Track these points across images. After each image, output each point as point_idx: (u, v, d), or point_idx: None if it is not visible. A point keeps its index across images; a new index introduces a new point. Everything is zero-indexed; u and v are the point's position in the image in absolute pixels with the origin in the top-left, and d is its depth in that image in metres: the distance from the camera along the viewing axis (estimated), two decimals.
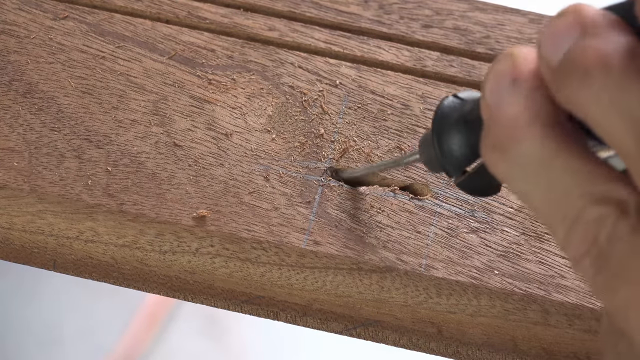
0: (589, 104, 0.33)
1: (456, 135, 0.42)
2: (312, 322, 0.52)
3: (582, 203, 0.33)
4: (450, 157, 0.43)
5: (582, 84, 0.33)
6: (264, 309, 0.52)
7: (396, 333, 0.51)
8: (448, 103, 0.43)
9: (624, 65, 0.32)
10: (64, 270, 0.52)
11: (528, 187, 0.35)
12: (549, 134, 0.34)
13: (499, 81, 0.36)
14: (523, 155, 0.34)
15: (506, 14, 0.58)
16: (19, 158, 0.51)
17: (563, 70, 0.34)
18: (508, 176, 0.35)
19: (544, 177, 0.34)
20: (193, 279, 0.51)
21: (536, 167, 0.34)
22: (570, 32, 0.34)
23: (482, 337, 0.50)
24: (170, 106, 0.54)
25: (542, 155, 0.34)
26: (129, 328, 1.57)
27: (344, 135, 0.53)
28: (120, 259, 0.51)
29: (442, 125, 0.43)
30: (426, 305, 0.50)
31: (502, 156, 0.35)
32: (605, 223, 0.32)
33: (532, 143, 0.34)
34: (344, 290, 0.50)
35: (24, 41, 0.55)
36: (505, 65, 0.36)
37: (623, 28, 0.33)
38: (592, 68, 0.33)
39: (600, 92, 0.32)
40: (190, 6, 0.57)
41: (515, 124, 0.35)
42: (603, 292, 0.32)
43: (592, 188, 0.33)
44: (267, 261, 0.50)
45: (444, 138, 0.43)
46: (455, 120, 0.43)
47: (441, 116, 0.43)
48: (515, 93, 0.35)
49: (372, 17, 0.57)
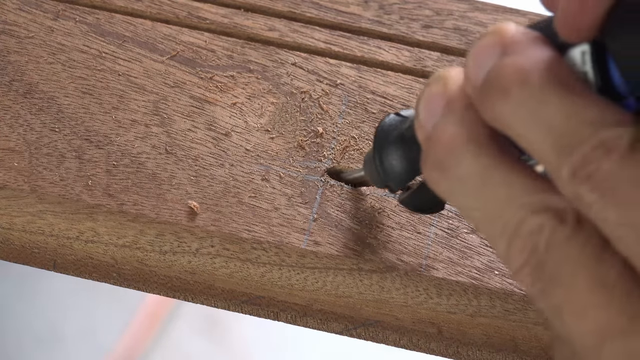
0: (510, 119, 0.34)
1: (395, 151, 0.44)
2: (313, 323, 0.52)
3: (520, 214, 0.33)
4: (391, 173, 0.44)
5: (502, 100, 0.34)
6: (264, 309, 0.52)
7: (396, 333, 0.51)
8: (389, 120, 0.45)
9: (540, 79, 0.33)
10: (64, 271, 0.52)
11: (468, 203, 0.35)
12: (483, 151, 0.35)
13: (432, 104, 0.37)
14: (461, 173, 0.35)
15: (506, 14, 0.58)
16: (19, 158, 0.51)
17: (485, 88, 0.35)
18: (449, 193, 0.36)
19: (482, 192, 0.35)
20: (193, 279, 0.51)
21: (474, 183, 0.35)
22: (492, 51, 0.35)
23: (482, 338, 0.50)
24: (170, 106, 0.54)
25: (479, 172, 0.35)
26: (129, 328, 1.57)
27: (344, 136, 0.53)
28: (121, 259, 0.51)
29: (382, 142, 0.44)
30: (426, 305, 0.50)
31: (442, 175, 0.36)
32: (544, 231, 0.33)
33: (469, 161, 0.35)
34: (344, 291, 0.50)
35: (24, 41, 0.55)
36: (436, 88, 0.38)
37: (543, 43, 0.34)
38: (511, 83, 0.34)
39: (518, 106, 0.33)
40: (190, 6, 0.57)
41: (451, 144, 0.36)
42: (540, 299, 0.33)
43: (529, 199, 0.33)
44: (267, 261, 0.50)
45: (384, 154, 0.44)
46: (395, 138, 0.44)
47: (381, 132, 0.45)
48: (449, 116, 0.36)
49: (372, 17, 0.57)
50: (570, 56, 0.34)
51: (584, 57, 0.34)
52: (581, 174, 0.31)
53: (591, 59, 0.34)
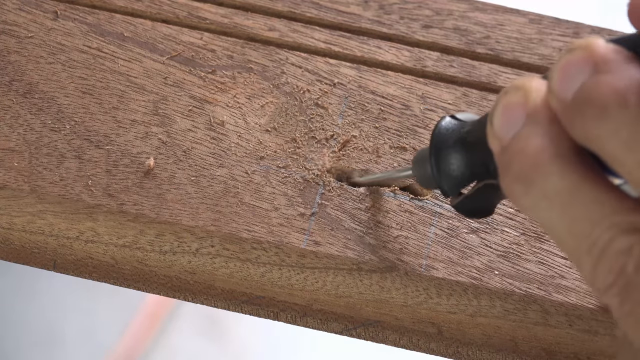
0: (606, 140, 0.33)
1: (455, 156, 0.43)
2: (312, 323, 0.52)
3: (609, 234, 0.33)
4: (448, 177, 0.43)
5: (599, 120, 0.33)
6: (264, 309, 0.52)
7: (396, 333, 0.51)
8: (446, 124, 0.44)
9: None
10: (64, 271, 0.52)
11: (552, 219, 0.35)
12: (571, 166, 0.34)
13: (511, 114, 0.36)
14: (548, 189, 0.35)
15: (506, 14, 0.58)
16: (19, 158, 0.51)
17: (577, 106, 0.34)
18: (532, 208, 0.35)
19: (569, 209, 0.34)
20: (193, 279, 0.51)
21: (561, 199, 0.34)
22: (582, 67, 0.34)
23: (482, 338, 0.50)
24: (170, 106, 0.54)
25: (567, 188, 0.34)
26: (129, 328, 1.57)
27: (344, 135, 0.53)
28: (121, 259, 0.51)
29: (440, 146, 0.44)
30: (426, 305, 0.50)
31: (526, 189, 0.35)
32: (634, 252, 0.32)
33: (557, 177, 0.34)
34: (344, 291, 0.50)
35: (24, 41, 0.55)
36: (516, 97, 0.36)
37: (636, 63, 0.34)
38: (609, 104, 0.33)
39: (617, 128, 0.33)
40: (190, 6, 0.57)
41: (538, 158, 0.35)
42: (629, 321, 0.32)
43: (619, 218, 0.33)
44: (267, 261, 0.50)
45: (443, 158, 0.43)
46: (454, 142, 0.43)
47: (439, 136, 0.44)
48: (533, 128, 0.35)
49: (372, 17, 0.57)
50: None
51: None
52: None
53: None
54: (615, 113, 0.33)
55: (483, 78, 0.56)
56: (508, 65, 0.56)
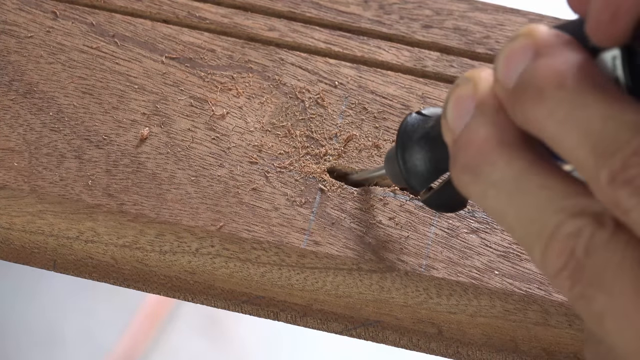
0: (545, 122, 0.33)
1: (419, 151, 0.43)
2: (312, 323, 0.52)
3: (557, 218, 0.33)
4: (414, 173, 0.44)
5: (537, 103, 0.33)
6: (264, 309, 0.52)
7: (396, 333, 0.51)
8: (411, 120, 0.44)
9: (577, 82, 0.33)
10: (64, 271, 0.52)
11: (501, 207, 0.35)
12: (517, 154, 0.35)
13: (461, 106, 0.37)
14: (494, 177, 0.35)
15: (506, 14, 0.58)
16: (19, 158, 0.51)
17: (518, 91, 0.34)
18: (480, 197, 0.36)
19: (517, 196, 0.34)
20: (193, 279, 0.51)
21: (508, 187, 0.34)
22: (524, 53, 0.34)
23: (482, 338, 0.50)
24: (170, 106, 0.54)
25: (514, 175, 0.34)
26: (129, 328, 1.57)
27: (344, 135, 0.53)
28: (121, 259, 0.51)
29: (405, 142, 0.44)
30: (426, 305, 0.50)
31: (472, 179, 0.36)
32: (582, 235, 0.32)
33: (502, 165, 0.35)
34: (344, 291, 0.50)
35: (24, 41, 0.55)
36: (465, 89, 0.37)
37: (575, 46, 0.34)
38: (546, 86, 0.33)
39: (554, 109, 0.33)
40: (190, 6, 0.57)
41: (483, 148, 0.35)
42: (579, 303, 0.32)
43: (567, 203, 0.33)
44: (267, 261, 0.50)
45: (408, 154, 0.43)
46: (419, 137, 0.43)
47: (404, 132, 0.44)
48: (480, 118, 0.36)
49: (372, 17, 0.57)
50: (602, 60, 0.34)
51: (614, 62, 0.33)
52: (620, 178, 0.31)
53: (622, 63, 0.33)
54: (551, 94, 0.33)
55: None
56: None
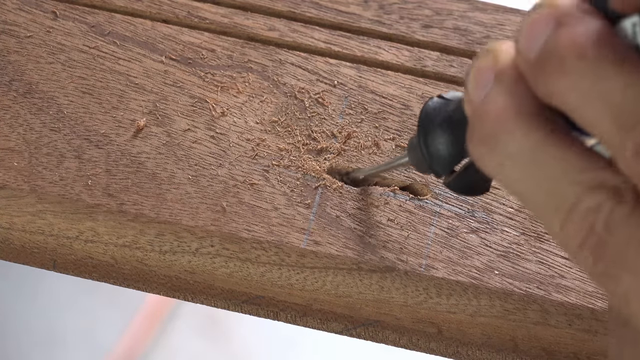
0: (567, 94, 0.33)
1: (442, 135, 0.43)
2: (312, 322, 0.52)
3: (576, 192, 0.32)
4: (437, 158, 0.43)
5: (559, 74, 0.33)
6: (264, 309, 0.52)
7: (396, 333, 0.51)
8: (432, 104, 0.44)
9: (598, 51, 0.32)
10: (64, 270, 0.52)
11: (519, 180, 0.34)
12: (535, 125, 0.34)
13: (481, 77, 0.36)
14: (511, 148, 0.34)
15: (506, 14, 0.58)
16: (19, 158, 0.51)
17: (540, 62, 0.34)
18: (497, 170, 0.35)
19: (534, 168, 0.34)
20: (193, 279, 0.51)
21: (525, 159, 0.34)
22: (546, 24, 0.34)
23: (482, 337, 0.50)
24: (170, 106, 0.54)
25: (531, 147, 0.34)
26: (129, 328, 1.57)
27: (344, 135, 0.53)
28: (120, 259, 0.51)
29: (427, 126, 0.43)
30: (426, 305, 0.50)
31: (489, 150, 0.35)
32: (602, 210, 0.31)
33: (520, 135, 0.34)
34: (344, 290, 0.50)
35: (24, 41, 0.55)
36: (486, 61, 0.36)
37: (596, 16, 0.33)
38: (568, 56, 0.32)
39: (577, 80, 0.32)
40: (190, 6, 0.57)
41: (500, 117, 0.34)
42: (603, 280, 0.32)
43: (585, 176, 0.32)
44: (267, 261, 0.50)
45: (430, 138, 0.43)
46: (441, 120, 0.43)
47: (426, 116, 0.43)
48: (498, 88, 0.35)
49: (372, 17, 0.57)
50: (622, 28, 0.33)
51: (635, 29, 0.33)
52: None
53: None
54: (573, 65, 0.32)
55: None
56: None
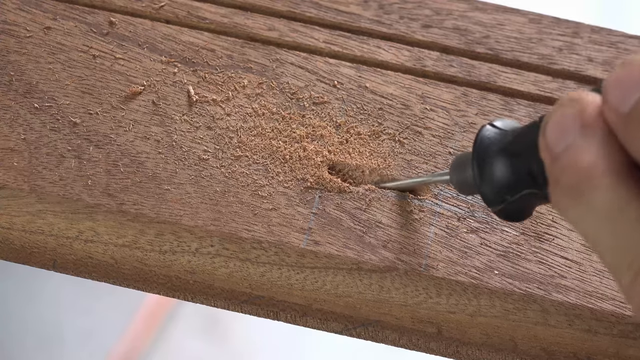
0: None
1: (498, 165, 0.44)
2: (312, 322, 0.52)
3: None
4: (491, 185, 0.44)
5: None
6: (263, 309, 0.52)
7: (396, 333, 0.51)
8: (488, 133, 0.45)
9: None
10: (64, 270, 0.52)
11: (597, 232, 0.35)
12: (623, 182, 0.34)
13: (565, 126, 0.36)
14: (596, 203, 0.34)
15: (506, 14, 0.58)
16: (19, 158, 0.51)
17: (634, 117, 0.33)
18: (578, 220, 0.35)
19: (616, 223, 0.34)
20: (193, 278, 0.51)
21: (608, 214, 0.34)
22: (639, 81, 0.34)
23: (481, 337, 0.50)
24: (170, 106, 0.54)
25: (616, 204, 0.34)
26: (129, 328, 1.57)
27: (343, 135, 0.53)
28: (120, 258, 0.51)
29: (484, 155, 0.44)
30: (426, 305, 0.50)
31: (574, 202, 0.35)
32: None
33: (607, 191, 0.34)
34: (343, 290, 0.50)
35: (24, 41, 0.55)
36: (571, 110, 0.36)
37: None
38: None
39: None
40: (190, 6, 0.57)
41: (589, 171, 0.35)
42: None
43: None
44: (267, 261, 0.50)
45: (487, 167, 0.44)
46: (498, 151, 0.44)
47: (482, 145, 0.45)
48: (587, 140, 0.35)
49: (371, 17, 0.57)
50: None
51: None
52: None
53: None
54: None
55: (483, 78, 0.56)
56: (508, 64, 0.57)
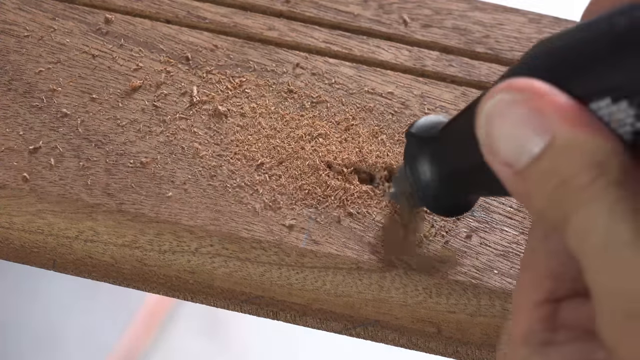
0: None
1: (425, 171, 0.45)
2: (312, 322, 0.52)
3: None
4: (424, 191, 0.45)
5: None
6: (263, 309, 0.52)
7: (396, 332, 0.51)
8: (410, 141, 0.46)
9: None
10: (64, 270, 0.52)
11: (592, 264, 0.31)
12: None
13: (527, 131, 0.32)
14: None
15: (506, 14, 0.58)
16: (19, 157, 0.51)
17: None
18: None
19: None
20: (193, 278, 0.51)
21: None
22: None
23: (481, 337, 0.50)
24: (169, 106, 0.54)
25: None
26: (129, 328, 1.57)
27: (343, 134, 0.53)
28: (120, 258, 0.51)
29: (411, 163, 0.46)
30: (426, 304, 0.50)
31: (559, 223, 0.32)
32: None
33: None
34: (343, 290, 0.50)
35: (24, 41, 0.55)
36: (525, 104, 0.32)
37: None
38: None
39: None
40: (190, 6, 0.57)
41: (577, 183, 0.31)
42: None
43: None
44: (266, 261, 0.50)
45: (417, 174, 0.45)
46: (422, 158, 0.45)
47: (407, 155, 0.46)
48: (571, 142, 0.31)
49: (371, 16, 0.57)
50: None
51: None
52: None
53: None
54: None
55: (482, 77, 0.56)
56: (507, 64, 0.56)
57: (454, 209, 0.46)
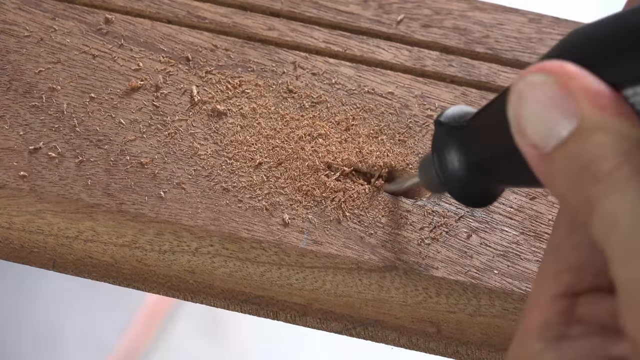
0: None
1: (453, 159, 0.44)
2: (312, 322, 0.52)
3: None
4: (452, 179, 0.44)
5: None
6: (263, 309, 0.52)
7: (396, 332, 0.51)
8: (440, 129, 0.45)
9: None
10: (64, 270, 0.52)
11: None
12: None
13: (555, 113, 0.31)
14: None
15: (505, 14, 0.58)
16: (19, 158, 0.51)
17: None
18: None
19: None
20: (193, 278, 0.51)
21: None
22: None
23: (481, 337, 0.50)
24: (169, 106, 0.54)
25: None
26: (129, 328, 1.57)
27: (343, 134, 0.53)
28: (120, 258, 0.51)
29: (439, 151, 0.44)
30: (426, 304, 0.50)
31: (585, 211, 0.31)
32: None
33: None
34: (343, 290, 0.50)
35: (24, 41, 0.55)
36: (555, 87, 0.32)
37: None
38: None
39: None
40: (190, 6, 0.57)
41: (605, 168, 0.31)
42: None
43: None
44: (266, 261, 0.50)
45: (444, 162, 0.44)
46: (451, 145, 0.44)
47: (436, 143, 0.44)
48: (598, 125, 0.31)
49: (371, 16, 0.57)
50: None
51: None
52: None
53: None
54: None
55: (482, 77, 0.56)
56: (507, 64, 0.57)
57: (480, 199, 0.45)
